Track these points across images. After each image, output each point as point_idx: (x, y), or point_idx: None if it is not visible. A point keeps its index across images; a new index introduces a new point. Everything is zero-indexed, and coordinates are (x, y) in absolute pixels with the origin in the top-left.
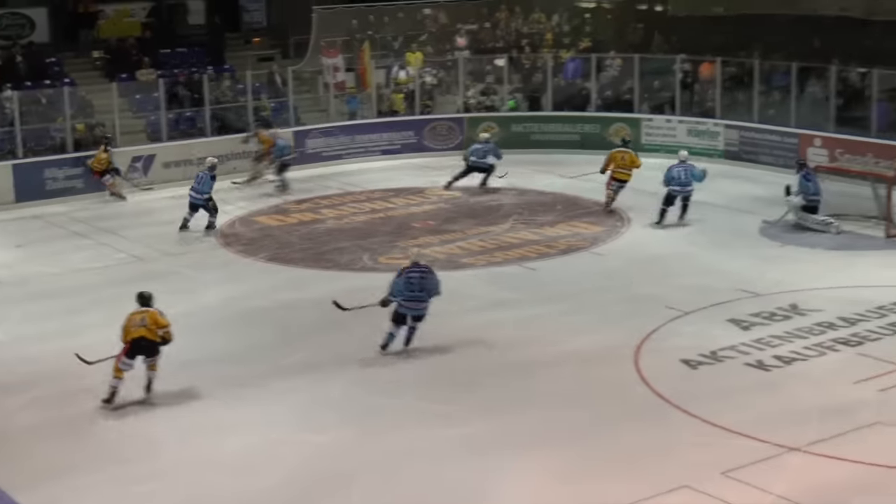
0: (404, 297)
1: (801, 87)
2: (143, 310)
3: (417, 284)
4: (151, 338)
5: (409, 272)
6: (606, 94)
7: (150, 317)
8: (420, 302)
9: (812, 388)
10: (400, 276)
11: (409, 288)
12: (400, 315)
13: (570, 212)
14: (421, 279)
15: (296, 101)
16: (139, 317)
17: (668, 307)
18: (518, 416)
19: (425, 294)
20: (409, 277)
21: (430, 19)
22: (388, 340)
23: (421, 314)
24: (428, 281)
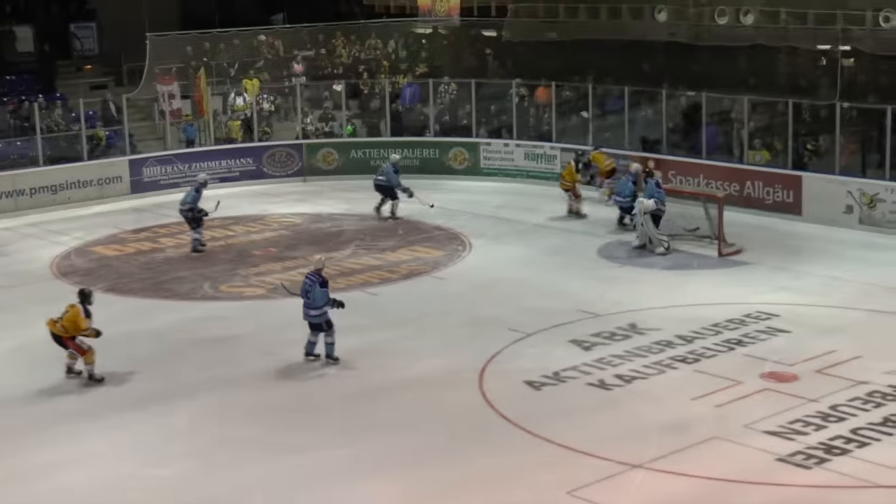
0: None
1: (633, 111)
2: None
3: (305, 291)
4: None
5: (307, 276)
6: (444, 119)
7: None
8: (308, 309)
9: (652, 405)
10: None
11: (304, 295)
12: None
13: (411, 237)
14: (309, 286)
15: (131, 128)
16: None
17: (511, 329)
18: (365, 441)
19: (312, 302)
20: (304, 282)
21: (266, 45)
22: (308, 349)
23: (314, 322)
24: (313, 291)
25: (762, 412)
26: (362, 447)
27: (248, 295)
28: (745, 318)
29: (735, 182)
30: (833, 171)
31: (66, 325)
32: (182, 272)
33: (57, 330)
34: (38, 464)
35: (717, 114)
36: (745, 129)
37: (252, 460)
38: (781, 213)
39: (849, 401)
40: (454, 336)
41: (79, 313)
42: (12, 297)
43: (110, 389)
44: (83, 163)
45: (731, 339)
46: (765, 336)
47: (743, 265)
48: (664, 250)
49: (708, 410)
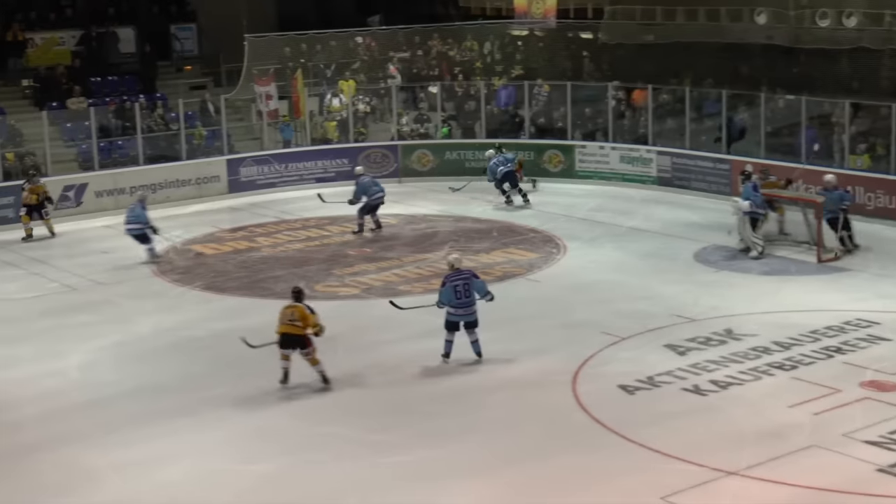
0: (454, 304)
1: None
2: (291, 305)
3: (463, 290)
4: (294, 332)
5: (452, 279)
6: (540, 121)
7: (299, 312)
8: (469, 307)
9: (748, 411)
10: (444, 284)
11: (457, 295)
12: (451, 323)
13: (506, 238)
14: (465, 284)
15: (229, 129)
16: (289, 312)
17: (605, 333)
18: (457, 443)
19: (472, 299)
20: (454, 285)
21: (362, 47)
22: (448, 349)
23: (471, 319)
24: (473, 285)
25: (862, 421)
26: (455, 448)
27: (343, 295)
28: (844, 325)
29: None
30: None
31: (300, 323)
32: (277, 271)
33: (301, 331)
34: (139, 458)
35: (816, 118)
36: (846, 134)
37: (347, 460)
38: (883, 219)
39: None
40: (548, 339)
41: (304, 310)
42: (112, 293)
43: (207, 387)
44: (182, 162)
45: (829, 346)
46: (865, 344)
47: (843, 272)
48: (758, 255)
49: (806, 418)
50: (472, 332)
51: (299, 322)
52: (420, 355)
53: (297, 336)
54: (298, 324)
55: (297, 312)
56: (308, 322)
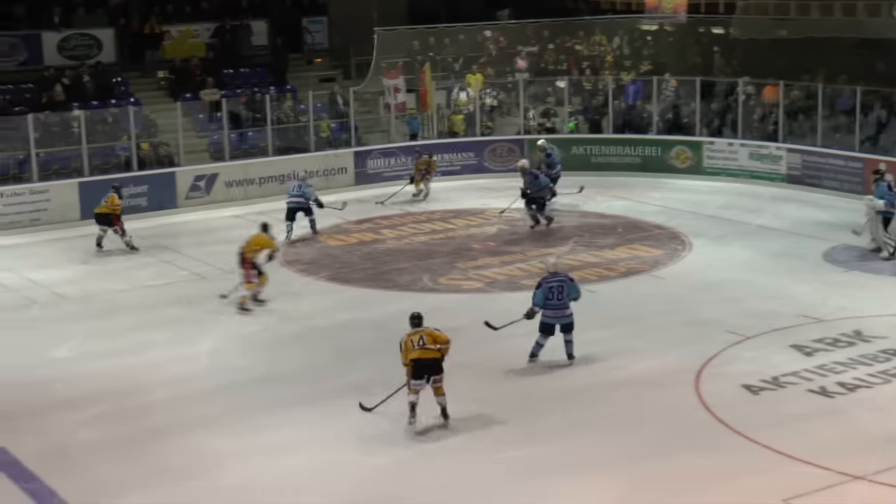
0: (547, 306)
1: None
2: (417, 330)
3: (557, 292)
4: (429, 356)
5: (548, 281)
6: (668, 117)
7: (428, 335)
8: (564, 309)
9: (877, 415)
10: (540, 286)
11: (550, 296)
12: (546, 325)
13: (631, 234)
14: (560, 287)
15: (357, 121)
16: (416, 337)
17: (730, 332)
18: (577, 439)
19: (566, 301)
20: (549, 287)
21: (490, 41)
22: (536, 350)
23: (567, 321)
24: (568, 287)
25: None
26: (576, 444)
27: (467, 288)
28: None
29: None
30: None
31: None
32: (402, 264)
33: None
34: (263, 445)
35: None
36: None
37: (465, 453)
38: None
39: None
40: (672, 336)
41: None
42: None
43: (329, 377)
44: (310, 154)
45: None
46: None
47: None
48: (889, 255)
49: None
50: (568, 335)
51: (432, 346)
52: (543, 350)
53: (432, 360)
54: (431, 347)
55: (427, 336)
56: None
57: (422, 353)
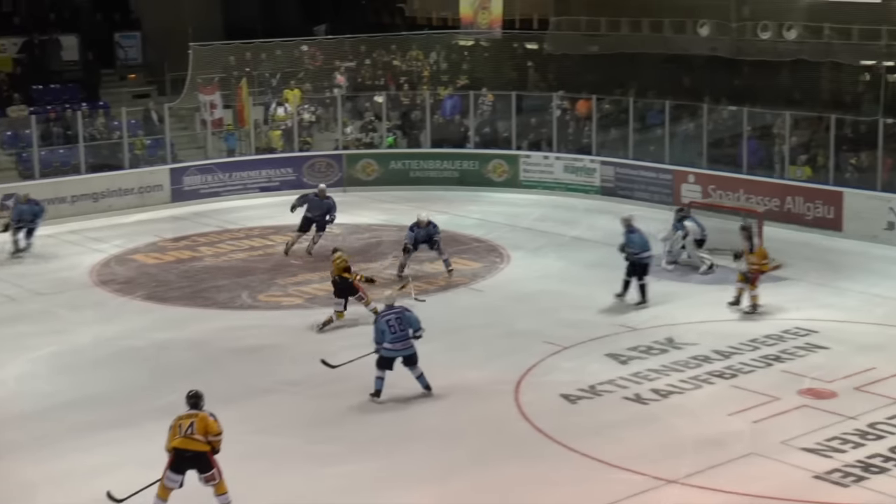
0: (389, 340)
1: (674, 125)
2: (190, 414)
3: (396, 324)
4: (193, 448)
5: (385, 315)
6: (485, 131)
7: (199, 422)
8: (404, 341)
9: (688, 420)
10: (377, 321)
11: (391, 330)
12: (385, 360)
13: (450, 248)
14: (398, 319)
15: (173, 137)
16: (186, 422)
17: (548, 342)
18: (400, 453)
19: (407, 333)
20: (386, 321)
21: (307, 56)
22: (379, 385)
23: (410, 354)
24: (406, 319)
25: (800, 429)
26: (398, 458)
27: (286, 304)
28: (783, 333)
29: (776, 197)
30: (875, 187)
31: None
32: (220, 281)
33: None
34: (77, 470)
35: (758, 128)
36: (786, 145)
37: (288, 470)
38: (822, 229)
39: (888, 419)
40: (491, 348)
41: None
42: (52, 303)
43: (147, 398)
44: (124, 171)
45: (769, 354)
46: (803, 352)
47: (782, 281)
48: (706, 269)
49: (745, 426)
50: (414, 368)
51: (199, 436)
52: (366, 363)
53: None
54: (199, 438)
55: (198, 424)
56: (211, 432)
57: (185, 442)
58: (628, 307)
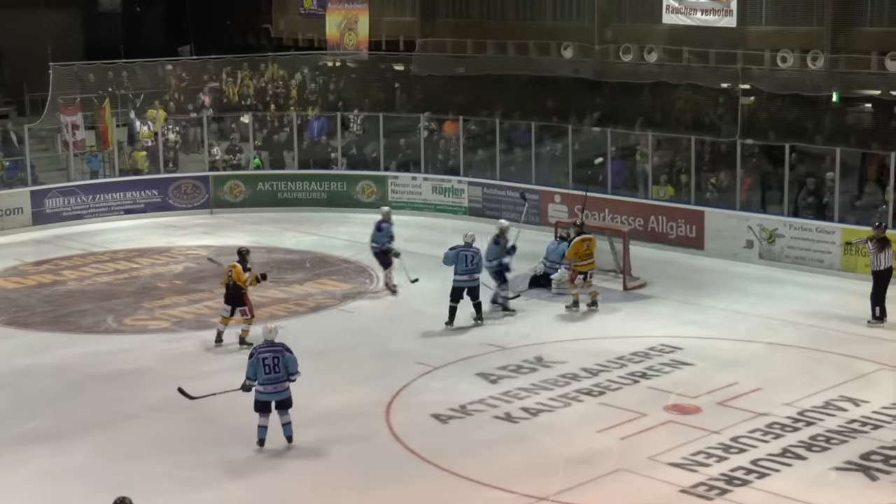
0: (261, 380)
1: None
2: None
3: (273, 365)
4: None
5: (261, 352)
6: (352, 153)
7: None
8: (279, 384)
9: (558, 438)
10: (252, 356)
11: (266, 370)
12: (262, 403)
13: (319, 269)
14: (274, 359)
15: (33, 159)
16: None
17: (419, 363)
18: (270, 478)
19: (283, 374)
20: (262, 358)
21: (172, 76)
22: (262, 434)
23: (284, 398)
24: (284, 359)
25: (666, 444)
26: (268, 483)
27: (154, 328)
28: (649, 350)
29: (640, 217)
30: (734, 206)
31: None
32: (85, 305)
33: None
34: None
35: (621, 149)
36: (649, 165)
37: (158, 497)
38: (685, 248)
39: (749, 432)
40: (362, 369)
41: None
42: None
43: (7, 425)
44: None
45: (635, 371)
46: (669, 369)
47: (647, 299)
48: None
49: (613, 443)
50: (284, 414)
51: None
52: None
53: None
54: None
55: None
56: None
57: None
58: (498, 328)
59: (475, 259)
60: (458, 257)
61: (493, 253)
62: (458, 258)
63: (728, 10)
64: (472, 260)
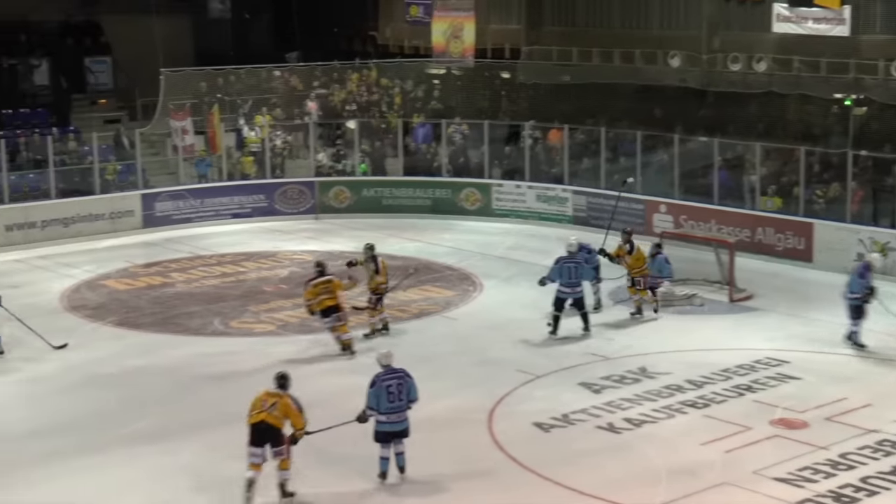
0: (384, 409)
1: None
2: (276, 392)
3: (397, 392)
4: (273, 423)
5: (385, 379)
6: (458, 160)
7: (282, 405)
8: (401, 413)
9: (661, 449)
10: (374, 384)
11: (390, 399)
12: (384, 434)
13: (422, 276)
14: (399, 385)
15: (144, 163)
16: (270, 400)
17: (521, 371)
18: (375, 481)
19: (405, 402)
20: (387, 386)
21: (280, 83)
22: (384, 466)
23: (404, 428)
24: (407, 385)
25: (772, 459)
26: (373, 486)
27: (259, 331)
28: (755, 363)
29: (746, 228)
30: (844, 218)
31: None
32: (192, 307)
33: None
34: (43, 501)
35: (729, 159)
36: (757, 176)
37: (261, 498)
38: (792, 260)
39: (858, 449)
40: (464, 377)
41: (290, 404)
42: (21, 329)
43: (117, 424)
44: (95, 196)
45: (741, 384)
46: (775, 382)
47: (754, 311)
48: (699, 304)
49: (717, 456)
50: (399, 443)
51: (279, 414)
52: (339, 392)
53: (272, 427)
54: (277, 415)
55: (280, 405)
56: (294, 423)
57: (264, 416)
58: (602, 337)
59: (578, 271)
60: (562, 270)
61: (856, 286)
62: (562, 271)
63: (841, 19)
64: (574, 272)
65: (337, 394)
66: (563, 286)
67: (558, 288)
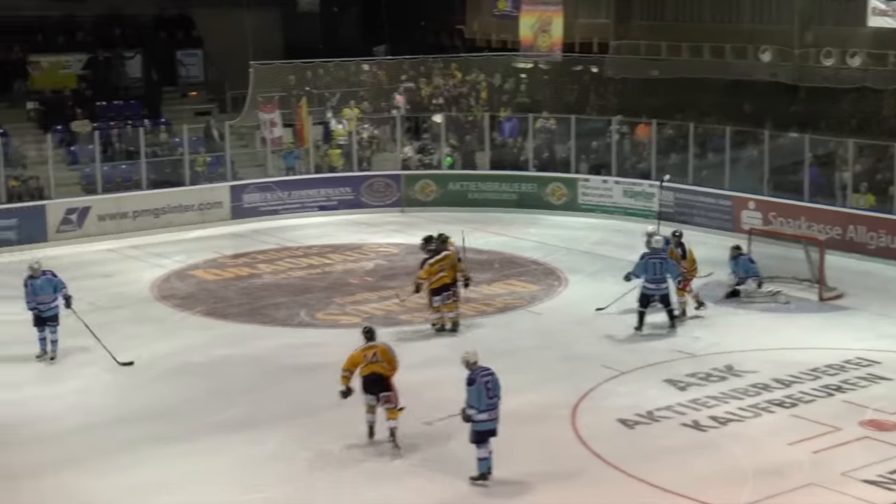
0: (484, 406)
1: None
2: (371, 345)
3: (494, 388)
4: (380, 371)
5: (484, 375)
6: (544, 155)
7: (381, 352)
8: (496, 410)
9: (747, 448)
10: (473, 383)
11: (489, 395)
12: (483, 433)
13: (507, 270)
14: (495, 381)
15: (233, 155)
16: (370, 352)
17: (605, 367)
18: (456, 475)
19: (497, 399)
20: (485, 383)
21: (367, 76)
22: (484, 468)
23: (495, 427)
24: (495, 382)
25: (861, 460)
26: (454, 481)
27: (344, 323)
28: (844, 363)
29: (838, 226)
30: None
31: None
32: (279, 298)
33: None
34: (132, 485)
35: (820, 156)
36: (849, 172)
37: (347, 487)
38: (885, 259)
39: None
40: (548, 371)
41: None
42: (112, 318)
43: (205, 413)
44: (185, 187)
45: (829, 384)
46: (865, 383)
47: (844, 310)
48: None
49: (805, 456)
50: (487, 444)
51: (383, 361)
52: (421, 385)
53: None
54: (383, 362)
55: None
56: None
57: (371, 367)
58: (688, 334)
59: (663, 267)
60: (647, 266)
61: None
62: (647, 267)
63: None
64: (659, 268)
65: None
66: (649, 282)
67: (643, 284)
